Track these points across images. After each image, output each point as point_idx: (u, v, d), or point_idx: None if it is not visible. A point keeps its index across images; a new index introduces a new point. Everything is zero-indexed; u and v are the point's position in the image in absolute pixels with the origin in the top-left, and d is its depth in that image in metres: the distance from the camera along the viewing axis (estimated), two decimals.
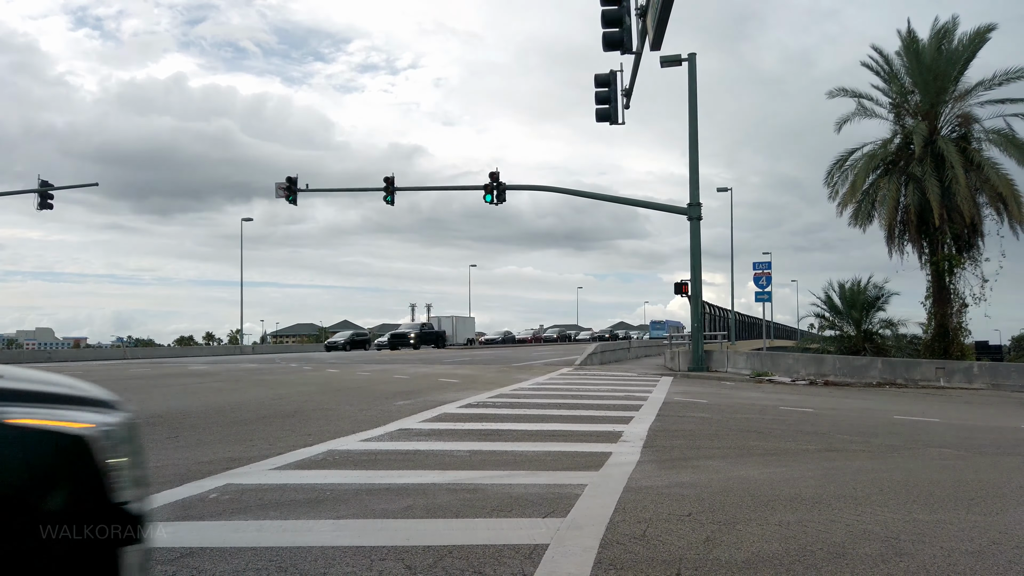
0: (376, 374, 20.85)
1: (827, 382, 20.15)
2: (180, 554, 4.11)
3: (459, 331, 65.64)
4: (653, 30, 11.30)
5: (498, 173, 25.41)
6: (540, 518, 4.95)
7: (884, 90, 26.36)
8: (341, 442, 8.17)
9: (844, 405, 14.11)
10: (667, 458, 7.40)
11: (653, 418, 10.63)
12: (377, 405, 12.11)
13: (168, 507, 5.21)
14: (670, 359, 27.88)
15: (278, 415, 10.78)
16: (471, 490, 5.77)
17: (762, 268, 28.88)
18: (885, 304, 29.72)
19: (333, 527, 4.70)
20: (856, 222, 26.60)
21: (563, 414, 10.99)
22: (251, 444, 8.06)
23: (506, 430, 9.14)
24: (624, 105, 18.42)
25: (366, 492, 5.70)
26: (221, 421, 10.08)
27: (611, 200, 26.40)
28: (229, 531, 4.62)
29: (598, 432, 9.04)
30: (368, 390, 15.18)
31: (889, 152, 25.95)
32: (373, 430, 9.08)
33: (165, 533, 4.55)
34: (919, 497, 5.82)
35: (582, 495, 5.60)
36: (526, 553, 4.18)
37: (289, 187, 28.67)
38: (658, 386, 17.30)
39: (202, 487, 5.84)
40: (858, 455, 7.91)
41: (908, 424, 11.11)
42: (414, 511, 5.12)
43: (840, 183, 26.82)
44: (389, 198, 27.58)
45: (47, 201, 30.61)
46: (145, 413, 11.00)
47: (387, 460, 7.13)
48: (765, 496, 5.73)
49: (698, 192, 23.23)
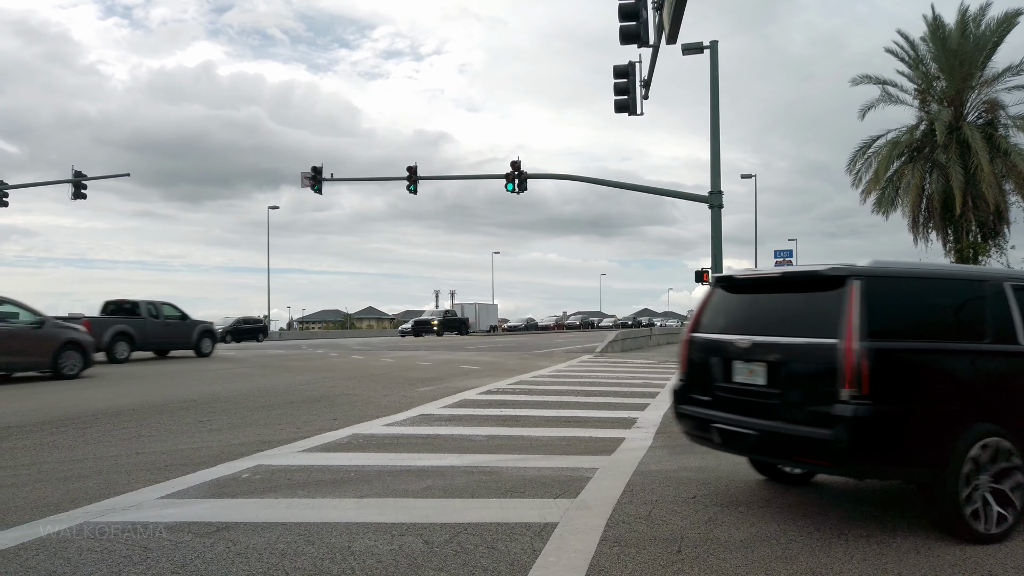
0: (400, 360, 21.26)
1: None
2: (217, 528, 4.45)
3: (482, 318, 66.07)
4: (669, 24, 11.42)
5: (519, 162, 25.57)
6: (551, 499, 5.24)
7: (909, 76, 26.08)
8: (365, 426, 8.52)
9: None
10: (678, 444, 7.63)
11: (669, 405, 10.82)
12: (400, 391, 12.47)
13: (204, 485, 5.57)
14: None
15: (305, 400, 11.17)
16: (487, 472, 6.07)
17: (783, 257, 28.83)
18: None
19: (357, 505, 5.03)
20: (879, 209, 26.42)
21: (580, 401, 11.25)
22: (280, 428, 8.44)
23: (523, 416, 9.43)
24: (643, 96, 18.50)
25: (388, 473, 6.02)
26: (251, 406, 10.49)
27: (630, 188, 26.45)
28: (261, 508, 4.96)
29: (613, 419, 9.29)
30: (391, 376, 15.56)
31: (914, 139, 25.71)
32: (396, 415, 9.43)
33: (202, 509, 4.91)
34: None
35: (593, 478, 5.87)
36: (536, 530, 4.46)
37: (314, 176, 29.10)
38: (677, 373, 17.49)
39: (235, 467, 6.20)
40: None
41: None
42: (433, 491, 5.43)
43: (863, 170, 26.63)
44: (412, 187, 27.87)
45: (81, 191, 31.34)
46: (180, 398, 11.45)
47: (408, 444, 7.45)
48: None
49: (719, 180, 23.19)
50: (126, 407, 10.32)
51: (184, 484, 5.62)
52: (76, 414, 9.63)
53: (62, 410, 10.03)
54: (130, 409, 10.11)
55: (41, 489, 5.50)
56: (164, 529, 4.42)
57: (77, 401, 11.15)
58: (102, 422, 8.96)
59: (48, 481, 5.78)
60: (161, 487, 5.52)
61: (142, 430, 8.35)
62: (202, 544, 4.15)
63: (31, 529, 4.43)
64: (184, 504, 5.05)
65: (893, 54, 26.09)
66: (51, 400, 11.32)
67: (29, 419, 9.20)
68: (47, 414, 9.64)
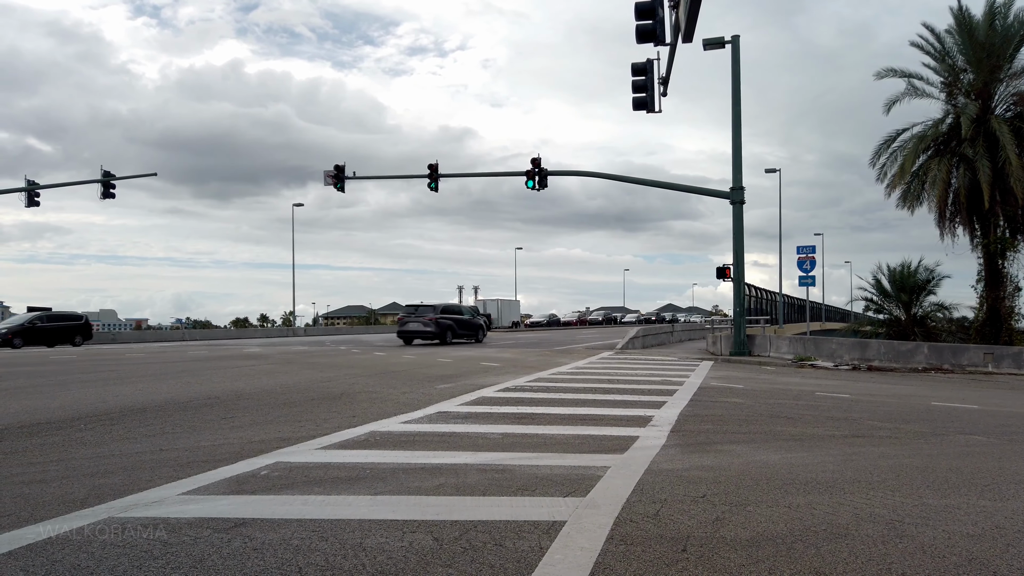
0: (421, 357, 21.44)
1: (871, 367, 20.00)
2: (234, 523, 4.59)
3: (504, 314, 66.24)
4: (684, 23, 11.40)
5: (539, 159, 25.63)
6: (561, 497, 5.32)
7: (935, 69, 25.73)
8: (383, 424, 8.66)
9: (883, 391, 14.09)
10: (692, 442, 7.68)
11: (686, 403, 10.88)
12: (419, 388, 12.61)
13: (224, 482, 5.73)
14: (712, 343, 27.88)
15: (326, 397, 11.35)
16: (500, 470, 6.17)
17: (806, 252, 28.59)
18: (936, 287, 29.15)
19: (370, 502, 5.15)
20: (905, 204, 26.13)
21: (597, 399, 11.31)
22: (300, 425, 8.61)
23: (539, 414, 9.52)
24: (661, 93, 18.45)
25: (402, 471, 6.15)
26: (272, 403, 10.69)
27: (649, 184, 26.35)
28: (278, 504, 5.10)
29: (629, 416, 9.34)
30: (412, 373, 15.73)
31: (940, 132, 25.35)
32: (413, 412, 9.56)
33: (222, 505, 5.06)
34: (934, 482, 6.00)
35: (604, 476, 5.94)
36: (544, 529, 4.55)
37: (337, 175, 29.40)
38: (696, 371, 17.46)
39: (254, 464, 6.36)
40: (883, 441, 8.06)
41: (944, 411, 11.12)
42: (445, 489, 5.54)
43: (889, 164, 26.35)
44: (433, 185, 28.04)
45: (109, 191, 31.94)
46: (204, 395, 11.70)
47: (424, 441, 7.58)
48: (781, 480, 5.99)
49: (741, 175, 23.09)
50: (152, 404, 10.57)
51: (205, 480, 5.78)
52: (104, 410, 9.89)
53: (90, 406, 10.30)
54: (156, 406, 10.36)
55: (68, 485, 5.69)
56: (184, 525, 4.57)
57: (104, 397, 11.43)
58: (129, 419, 9.20)
59: (75, 477, 5.97)
60: (183, 483, 5.69)
61: (167, 427, 8.57)
62: (220, 539, 4.29)
63: (58, 524, 4.60)
64: (204, 500, 5.21)
65: (919, 47, 25.76)
66: (78, 396, 11.61)
67: (59, 415, 9.46)
68: (76, 410, 9.91)
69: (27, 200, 32.94)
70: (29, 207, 33.30)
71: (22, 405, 10.55)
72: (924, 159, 25.66)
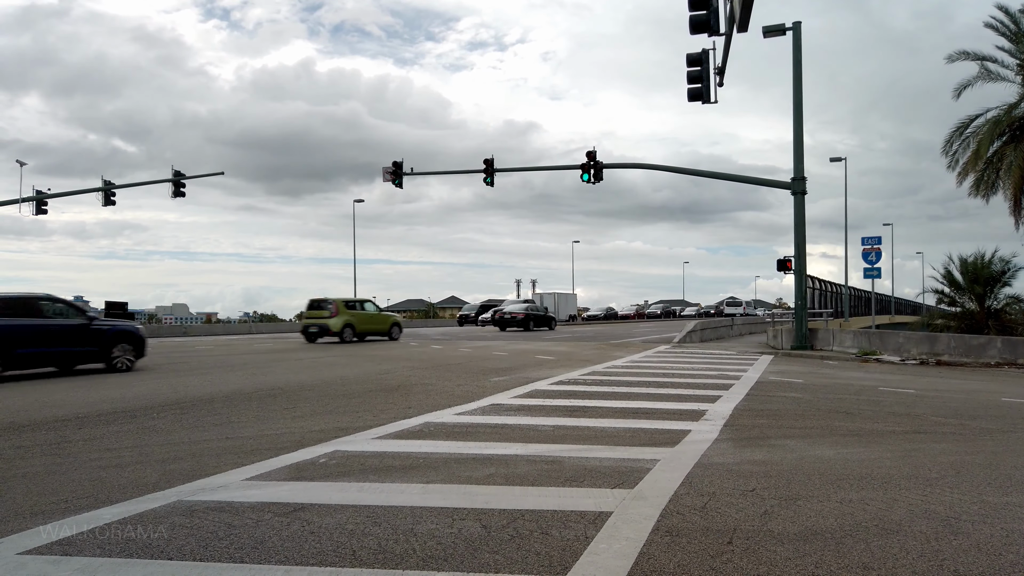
0: (477, 351, 21.69)
1: (939, 362, 19.32)
2: (294, 508, 4.82)
3: (561, 307, 66.12)
4: (739, 12, 11.21)
5: (595, 152, 25.54)
6: (609, 488, 5.38)
7: (1010, 51, 24.56)
8: (437, 415, 8.86)
9: (950, 386, 13.63)
10: (745, 437, 7.63)
11: (741, 398, 10.76)
12: (474, 381, 12.80)
13: (285, 469, 5.99)
14: (772, 337, 27.33)
15: (383, 389, 11.64)
16: (549, 461, 6.26)
17: (871, 243, 27.72)
18: (1011, 279, 27.87)
19: (422, 490, 5.31)
20: (977, 192, 25.10)
21: (650, 392, 11.28)
22: (357, 415, 8.87)
23: (591, 407, 9.57)
24: (717, 83, 18.15)
25: (454, 461, 6.30)
26: (333, 394, 11.03)
27: (706, 175, 25.96)
28: (335, 491, 5.31)
29: (682, 411, 9.31)
30: (467, 366, 15.95)
31: (1015, 117, 24.24)
32: (467, 404, 9.74)
33: (282, 490, 5.31)
34: (996, 480, 5.83)
35: (653, 469, 5.98)
36: (591, 519, 4.63)
37: (395, 171, 29.90)
38: (755, 365, 17.19)
39: (314, 453, 6.62)
40: (946, 438, 7.84)
41: (1015, 407, 10.70)
42: (495, 479, 5.66)
43: (961, 151, 25.35)
44: (489, 179, 28.25)
45: (180, 189, 33.20)
46: (269, 386, 12.14)
47: (477, 432, 7.73)
48: (834, 475, 5.91)
49: (802, 165, 22.56)
50: (220, 394, 11.03)
51: (267, 467, 6.05)
52: (175, 400, 10.37)
53: (163, 396, 10.82)
54: (223, 396, 10.80)
55: (141, 470, 6.03)
56: (247, 508, 4.82)
57: (176, 387, 11.98)
58: (198, 408, 9.64)
59: (148, 463, 6.33)
60: (246, 470, 5.97)
61: (233, 416, 8.95)
62: (280, 523, 4.51)
63: (132, 506, 4.91)
64: (266, 486, 5.46)
65: (993, 28, 24.64)
66: (153, 387, 12.19)
67: (133, 405, 9.97)
68: (151, 400, 10.42)
69: (104, 199, 34.51)
70: (106, 206, 34.90)
71: (101, 395, 11.16)
72: (999, 145, 24.57)
